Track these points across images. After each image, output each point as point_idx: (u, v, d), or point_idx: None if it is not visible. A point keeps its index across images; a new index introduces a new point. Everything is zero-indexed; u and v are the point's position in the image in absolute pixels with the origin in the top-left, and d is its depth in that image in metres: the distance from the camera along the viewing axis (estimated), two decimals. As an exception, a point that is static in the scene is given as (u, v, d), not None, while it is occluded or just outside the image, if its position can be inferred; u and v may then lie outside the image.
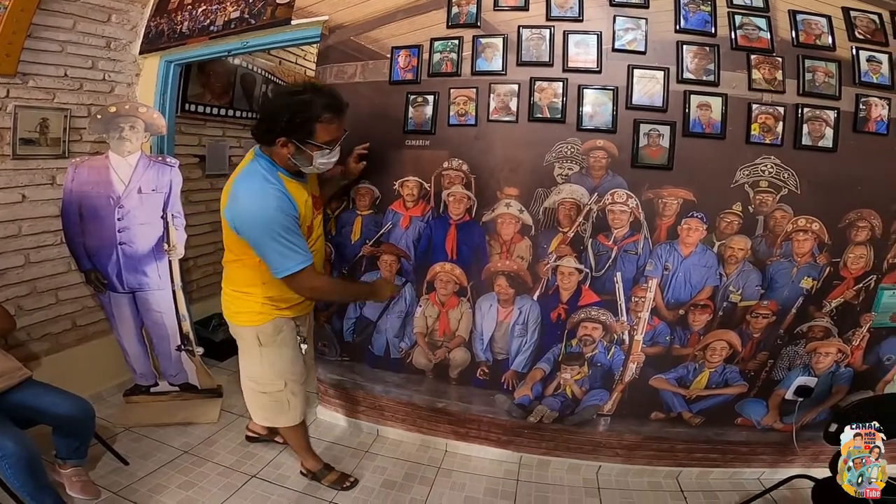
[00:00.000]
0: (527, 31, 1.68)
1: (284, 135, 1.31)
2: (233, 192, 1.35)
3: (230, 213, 1.34)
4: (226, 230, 1.41)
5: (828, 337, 1.71)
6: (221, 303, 1.59)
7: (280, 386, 1.58)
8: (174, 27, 2.26)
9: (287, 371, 1.58)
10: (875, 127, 1.55)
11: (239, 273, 1.48)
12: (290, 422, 1.66)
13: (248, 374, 1.61)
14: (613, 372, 1.81)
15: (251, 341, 1.53)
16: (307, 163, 1.38)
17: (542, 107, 1.65)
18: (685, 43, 1.60)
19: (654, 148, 1.59)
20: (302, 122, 1.30)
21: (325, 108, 1.32)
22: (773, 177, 1.57)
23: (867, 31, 1.59)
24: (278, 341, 1.53)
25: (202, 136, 2.74)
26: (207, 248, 2.89)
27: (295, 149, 1.34)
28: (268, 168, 1.36)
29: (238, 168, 1.41)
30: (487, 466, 1.99)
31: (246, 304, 1.49)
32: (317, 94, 1.32)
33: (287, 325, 1.55)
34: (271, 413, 1.64)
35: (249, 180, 1.34)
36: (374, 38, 1.82)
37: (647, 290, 1.69)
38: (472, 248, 1.79)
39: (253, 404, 1.66)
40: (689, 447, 1.91)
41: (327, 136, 1.35)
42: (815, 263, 1.63)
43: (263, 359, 1.55)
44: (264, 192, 1.31)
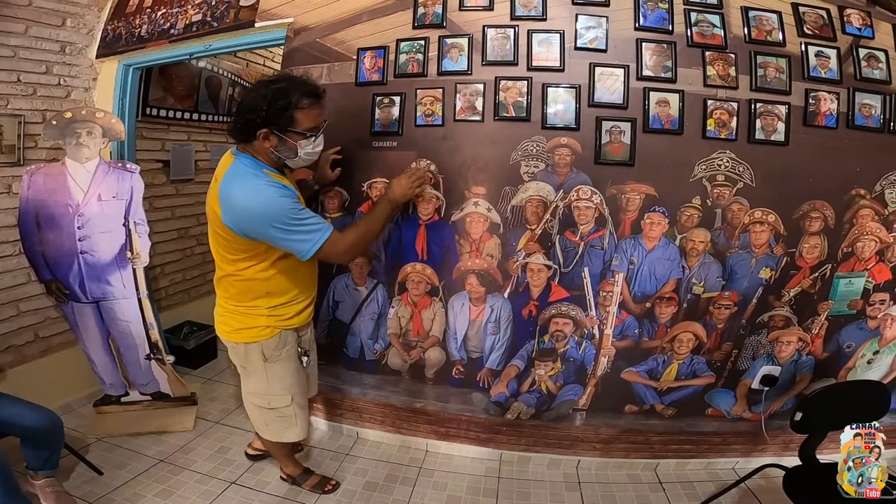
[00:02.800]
0: (492, 31, 1.73)
1: (265, 126, 1.29)
2: (224, 197, 1.30)
3: (229, 216, 1.29)
4: (221, 238, 1.37)
5: (788, 326, 1.80)
6: (216, 321, 1.54)
7: (287, 401, 1.56)
8: (132, 31, 2.25)
9: (293, 385, 1.57)
10: (824, 121, 1.65)
11: (238, 287, 1.44)
12: (297, 436, 1.65)
13: (252, 391, 1.58)
14: (586, 366, 1.89)
15: (255, 357, 1.50)
16: (292, 154, 1.36)
17: (508, 105, 1.70)
18: (644, 40, 1.67)
19: (616, 144, 1.67)
20: (281, 109, 1.28)
21: (304, 94, 1.31)
22: (729, 171, 1.66)
23: (816, 27, 1.69)
24: (283, 355, 1.52)
25: (165, 140, 2.73)
26: (174, 256, 2.88)
27: (278, 140, 1.32)
28: (252, 165, 1.34)
29: (219, 172, 1.36)
30: (469, 465, 2.04)
31: (251, 320, 1.46)
32: (293, 82, 1.32)
33: (291, 337, 1.54)
34: (277, 428, 1.63)
35: (238, 180, 1.30)
36: (340, 40, 1.86)
37: (614, 284, 1.76)
38: (443, 248, 1.84)
39: (258, 421, 1.64)
40: (664, 439, 1.99)
41: (309, 123, 1.33)
42: (772, 254, 1.72)
43: (270, 374, 1.52)
44: (258, 186, 1.28)
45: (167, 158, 2.75)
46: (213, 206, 1.33)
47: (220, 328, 1.53)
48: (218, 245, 1.40)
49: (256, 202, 1.27)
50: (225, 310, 1.50)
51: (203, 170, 3.02)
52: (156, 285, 2.74)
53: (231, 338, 1.51)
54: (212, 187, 1.35)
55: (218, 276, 1.47)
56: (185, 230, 2.94)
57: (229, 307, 1.48)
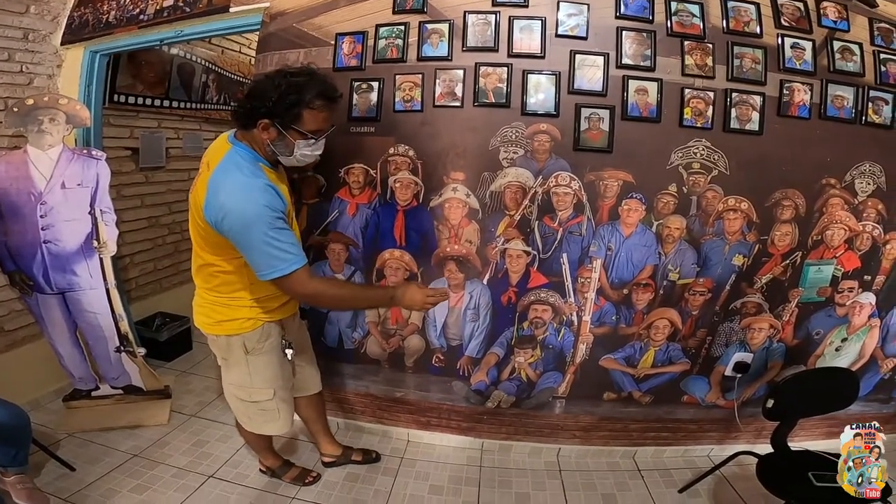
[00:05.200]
0: (473, 17, 1.74)
1: (268, 117, 1.25)
2: (212, 187, 1.24)
3: (210, 209, 1.24)
4: (200, 229, 1.32)
5: (760, 313, 1.88)
6: (195, 312, 1.51)
7: (269, 394, 1.54)
8: (100, 17, 2.22)
9: (275, 378, 1.54)
10: (798, 111, 1.71)
11: (219, 279, 1.40)
12: (279, 430, 1.63)
13: (233, 383, 1.56)
14: (565, 353, 1.93)
15: (236, 350, 1.47)
16: (287, 152, 1.32)
17: (488, 92, 1.72)
18: (624, 29, 1.70)
19: (595, 131, 1.71)
20: (290, 104, 1.24)
21: (319, 94, 1.27)
22: (704, 159, 1.72)
23: (792, 19, 1.74)
24: (266, 348, 1.49)
25: (134, 127, 2.69)
26: (145, 245, 2.84)
27: (277, 134, 1.27)
28: (248, 157, 1.30)
29: (212, 159, 1.31)
30: (451, 454, 2.07)
31: (232, 312, 1.43)
32: (312, 79, 1.27)
33: (275, 330, 1.51)
34: (259, 422, 1.61)
35: (231, 173, 1.25)
36: (318, 25, 1.85)
37: (591, 270, 1.81)
38: (421, 234, 1.85)
39: (241, 414, 1.63)
40: (642, 427, 2.06)
41: (314, 125, 1.29)
42: (745, 241, 1.79)
43: (251, 367, 1.50)
44: (251, 186, 1.23)
45: (136, 146, 2.71)
46: (198, 194, 1.28)
47: (200, 319, 1.49)
48: (197, 234, 1.36)
49: (242, 200, 1.22)
50: (205, 300, 1.46)
51: (175, 157, 2.98)
52: (125, 276, 2.70)
53: (212, 330, 1.48)
54: (202, 173, 1.31)
55: (197, 264, 1.43)
56: (156, 219, 2.90)
57: (210, 298, 1.44)
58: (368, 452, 2.03)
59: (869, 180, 1.77)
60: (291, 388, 1.67)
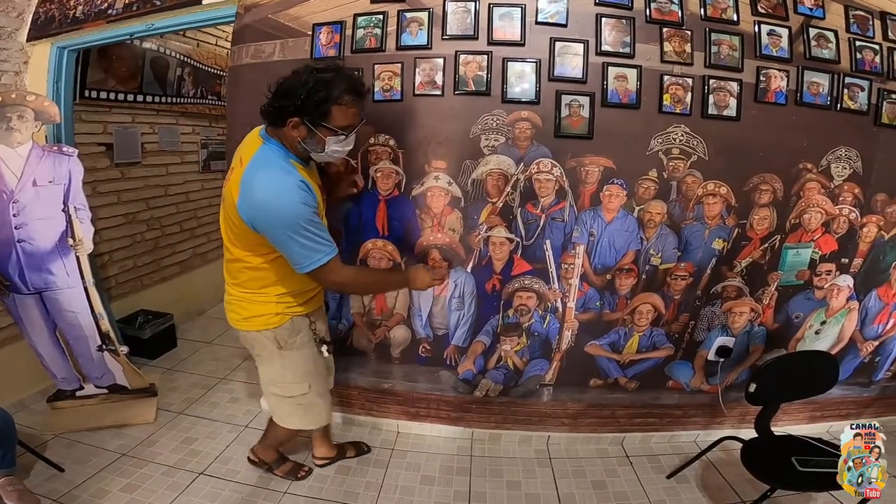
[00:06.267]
0: (452, 5, 1.74)
1: (298, 114, 1.25)
2: (246, 183, 1.26)
3: (245, 206, 1.26)
4: (232, 225, 1.35)
5: (741, 296, 1.93)
6: (226, 310, 1.53)
7: (305, 389, 1.57)
8: (66, 12, 2.20)
9: (311, 372, 1.58)
10: (774, 97, 1.75)
11: (247, 275, 1.43)
12: (318, 423, 1.67)
13: (269, 380, 1.59)
14: (551, 340, 1.97)
15: (269, 345, 1.50)
16: (319, 148, 1.33)
17: (468, 80, 1.73)
18: (604, 16, 1.72)
19: (576, 118, 1.73)
20: (319, 101, 1.25)
21: (347, 89, 1.27)
22: (683, 144, 1.75)
23: (769, 6, 1.77)
24: (297, 342, 1.52)
25: (107, 123, 2.65)
26: (123, 242, 2.82)
27: (307, 131, 1.29)
28: (281, 154, 1.31)
29: (244, 154, 1.33)
30: (441, 444, 2.10)
31: (260, 307, 1.46)
32: (339, 75, 1.28)
33: (304, 324, 1.54)
34: (299, 417, 1.64)
35: (266, 169, 1.27)
36: (294, 16, 1.84)
37: (575, 256, 1.84)
38: (404, 223, 1.87)
39: (280, 410, 1.65)
40: (629, 413, 2.10)
41: (344, 121, 1.29)
42: (724, 225, 1.83)
43: (285, 361, 1.53)
44: (285, 183, 1.25)
45: (110, 142, 2.67)
46: (231, 190, 1.30)
47: (231, 316, 1.52)
48: (228, 230, 1.38)
49: (278, 197, 1.24)
50: (233, 297, 1.49)
51: (151, 152, 2.94)
52: (104, 273, 2.68)
53: (241, 326, 1.50)
54: (234, 171, 1.32)
55: (227, 258, 1.45)
56: (134, 215, 2.87)
57: (237, 294, 1.48)
58: (359, 445, 2.05)
59: (845, 165, 1.83)
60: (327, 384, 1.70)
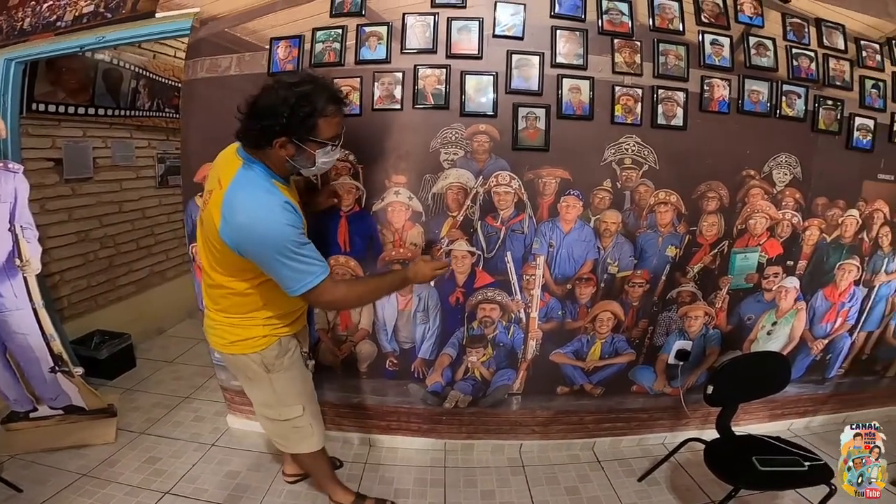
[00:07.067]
0: (411, 18, 1.77)
1: (284, 134, 1.22)
2: (228, 206, 1.22)
3: (228, 230, 1.22)
4: (213, 250, 1.31)
5: (695, 301, 2.01)
6: (207, 334, 1.50)
7: (299, 411, 1.54)
8: (14, 24, 2.17)
9: (302, 393, 1.55)
10: (717, 106, 1.84)
11: (230, 300, 1.39)
12: (314, 446, 1.63)
13: (261, 403, 1.55)
14: (516, 350, 2.00)
15: (257, 369, 1.46)
16: (308, 164, 1.31)
17: (427, 94, 1.76)
18: (559, 28, 1.77)
19: (532, 130, 1.78)
20: (304, 116, 1.21)
21: (329, 99, 1.25)
22: (635, 154, 1.82)
23: (712, 15, 1.86)
24: (286, 363, 1.49)
25: (56, 137, 2.57)
26: (76, 261, 2.73)
27: (295, 149, 1.26)
28: (263, 175, 1.27)
29: (223, 175, 1.28)
30: (414, 456, 2.10)
31: (246, 331, 1.42)
32: (317, 85, 1.25)
33: (292, 344, 1.51)
34: (294, 441, 1.60)
35: (248, 191, 1.23)
36: (252, 30, 1.84)
37: (535, 267, 1.88)
38: (365, 239, 1.88)
39: (275, 435, 1.61)
40: (597, 418, 2.16)
41: (331, 132, 1.28)
42: (676, 233, 1.91)
43: (275, 385, 1.49)
44: (270, 206, 1.22)
45: (60, 157, 2.59)
46: (212, 214, 1.25)
47: (214, 340, 1.48)
48: (210, 256, 1.34)
49: (263, 220, 1.21)
50: (216, 322, 1.45)
51: (104, 167, 2.86)
52: (56, 294, 2.59)
53: (227, 350, 1.46)
54: (213, 193, 1.28)
55: (206, 283, 1.41)
56: (86, 233, 2.78)
57: (220, 319, 1.43)
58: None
59: (786, 171, 1.94)
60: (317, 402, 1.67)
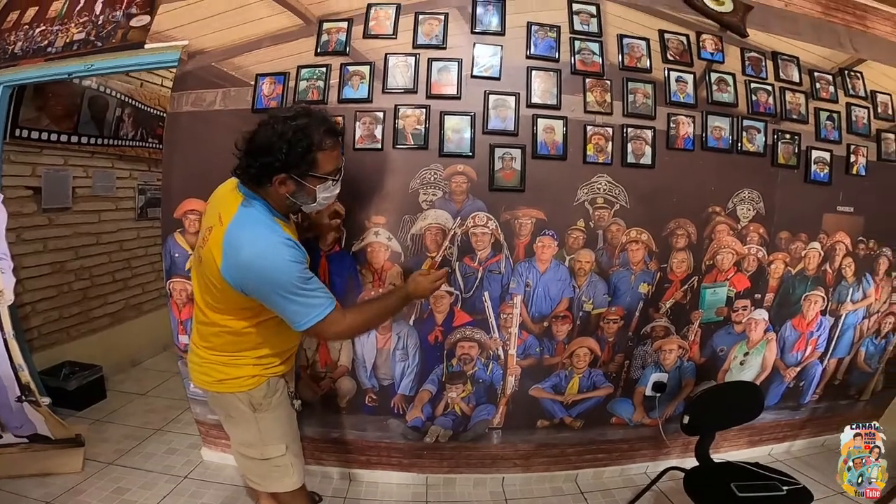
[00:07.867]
0: (393, 59, 1.84)
1: (284, 170, 1.20)
2: (229, 244, 1.20)
3: (231, 268, 1.20)
4: (212, 289, 1.28)
5: (668, 335, 2.07)
6: (192, 371, 1.45)
7: (282, 450, 1.49)
8: (5, 48, 2.20)
9: (287, 433, 1.51)
10: (683, 143, 1.91)
11: (223, 339, 1.37)
12: (294, 485, 1.57)
13: (242, 442, 1.50)
14: (495, 386, 2.03)
15: (244, 408, 1.42)
16: (309, 199, 1.29)
17: (406, 133, 1.81)
18: (534, 68, 1.84)
19: (508, 171, 1.84)
20: (303, 151, 1.20)
21: (326, 132, 1.24)
22: (607, 193, 1.89)
23: (677, 53, 1.94)
24: (273, 403, 1.45)
25: (37, 164, 2.57)
26: (49, 292, 2.70)
27: (296, 186, 1.24)
28: (265, 212, 1.26)
29: (224, 211, 1.26)
30: (395, 491, 2.10)
31: (235, 370, 1.39)
32: (313, 118, 1.23)
33: (280, 384, 1.49)
34: (274, 480, 1.55)
35: (251, 229, 1.22)
36: (238, 65, 1.88)
37: (513, 306, 1.93)
38: (345, 279, 1.90)
39: (252, 473, 1.56)
40: (578, 450, 2.19)
41: (330, 166, 1.26)
42: (648, 270, 1.98)
43: (261, 424, 1.45)
44: (273, 244, 1.20)
45: (38, 185, 2.58)
46: (212, 252, 1.23)
47: (200, 378, 1.44)
48: (206, 293, 1.32)
49: (266, 258, 1.19)
50: (203, 359, 1.41)
51: (83, 197, 2.85)
52: (27, 324, 2.56)
53: (213, 388, 1.43)
54: (213, 230, 1.26)
55: (199, 320, 1.39)
56: (61, 264, 2.76)
57: (208, 356, 1.40)
58: (310, 495, 2.01)
59: (749, 206, 2.02)
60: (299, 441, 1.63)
